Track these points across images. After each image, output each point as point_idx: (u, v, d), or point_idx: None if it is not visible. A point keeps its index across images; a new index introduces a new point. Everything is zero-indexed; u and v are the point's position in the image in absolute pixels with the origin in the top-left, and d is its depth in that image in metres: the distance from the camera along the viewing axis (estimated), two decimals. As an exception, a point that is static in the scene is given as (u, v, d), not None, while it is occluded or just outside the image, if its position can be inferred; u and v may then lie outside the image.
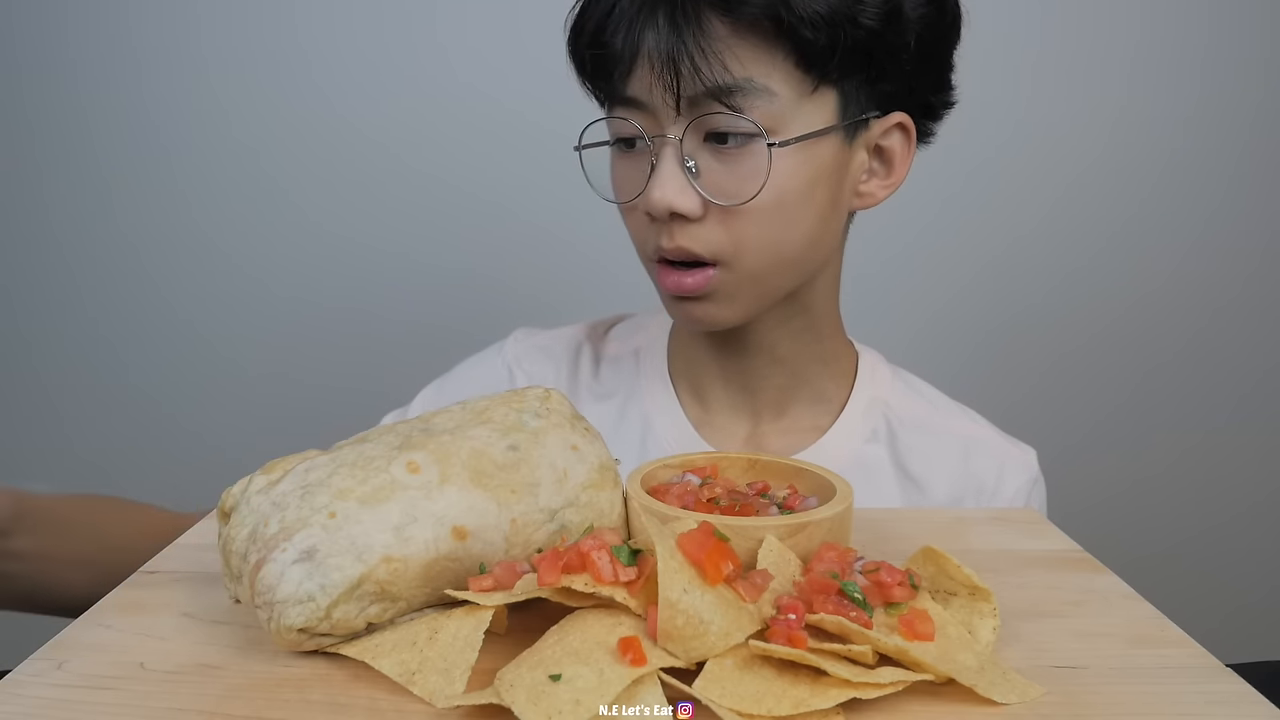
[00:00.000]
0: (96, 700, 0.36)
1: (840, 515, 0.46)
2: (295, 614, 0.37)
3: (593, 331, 0.86)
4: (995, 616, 0.40)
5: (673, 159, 0.63)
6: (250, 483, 0.42)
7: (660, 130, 0.64)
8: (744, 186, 0.62)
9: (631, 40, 0.62)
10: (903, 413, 0.78)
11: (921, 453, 0.76)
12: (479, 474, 0.42)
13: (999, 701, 0.36)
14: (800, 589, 0.39)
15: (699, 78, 0.60)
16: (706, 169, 0.63)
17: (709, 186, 0.63)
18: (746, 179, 0.62)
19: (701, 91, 0.61)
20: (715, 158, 0.63)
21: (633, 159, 0.66)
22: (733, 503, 0.47)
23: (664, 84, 0.61)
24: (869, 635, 0.36)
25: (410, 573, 0.39)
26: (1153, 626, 0.43)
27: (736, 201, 0.63)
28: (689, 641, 0.35)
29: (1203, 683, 0.38)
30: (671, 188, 0.63)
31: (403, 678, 0.36)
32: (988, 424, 0.80)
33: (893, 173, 0.70)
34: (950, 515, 0.58)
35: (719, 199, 0.63)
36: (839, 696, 0.34)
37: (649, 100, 0.63)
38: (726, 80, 0.60)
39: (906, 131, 0.69)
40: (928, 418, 0.79)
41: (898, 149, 0.69)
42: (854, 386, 0.79)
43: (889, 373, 0.81)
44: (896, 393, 0.80)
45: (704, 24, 0.60)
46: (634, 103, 0.64)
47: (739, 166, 0.63)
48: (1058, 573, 0.49)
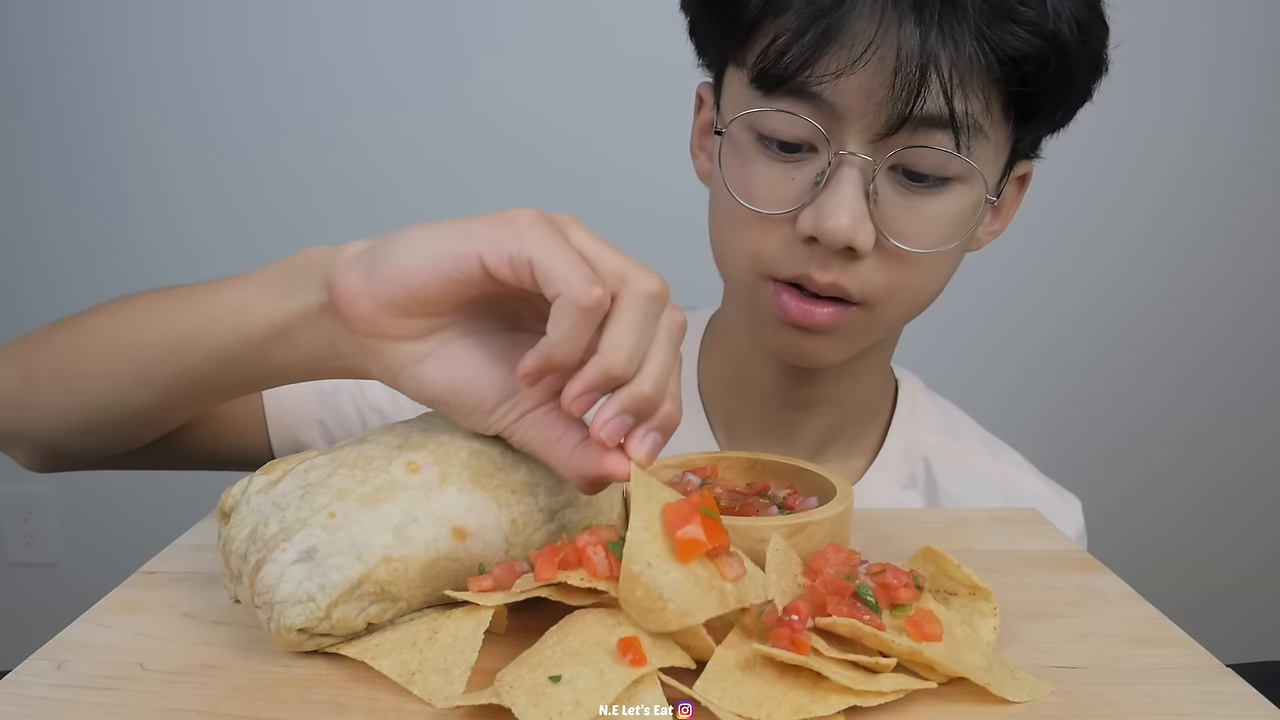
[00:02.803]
0: (96, 700, 0.36)
1: (840, 515, 0.46)
2: (295, 614, 0.37)
3: None
4: (996, 616, 0.40)
5: (857, 183, 0.54)
6: (250, 483, 0.42)
7: (843, 142, 0.54)
8: (928, 232, 0.56)
9: (869, 30, 0.51)
10: (942, 455, 0.73)
11: (959, 503, 0.71)
12: (479, 474, 0.42)
13: (1011, 700, 0.36)
14: (812, 591, 0.38)
15: (946, 103, 0.52)
16: (886, 202, 0.55)
17: (887, 223, 0.55)
18: (932, 224, 0.56)
19: (929, 118, 0.52)
20: (898, 192, 0.56)
21: (789, 164, 0.57)
22: (733, 503, 0.47)
23: (896, 99, 0.52)
24: (882, 638, 0.36)
25: (410, 573, 0.39)
26: (1153, 626, 0.43)
27: (918, 248, 0.56)
28: (646, 614, 0.35)
29: (1203, 683, 0.38)
30: (851, 217, 0.54)
31: (403, 678, 0.36)
32: (1030, 468, 0.76)
33: (999, 219, 0.66)
34: (950, 515, 0.58)
35: (899, 240, 0.55)
36: (840, 703, 0.34)
37: (847, 107, 0.53)
38: (969, 111, 0.53)
39: (1024, 182, 0.66)
40: (969, 462, 0.73)
41: (1010, 196, 0.65)
42: (891, 423, 0.73)
43: (928, 404, 0.76)
44: (937, 431, 0.74)
45: (960, 37, 0.51)
46: (818, 101, 0.54)
47: (926, 209, 0.56)
48: (1058, 573, 0.49)
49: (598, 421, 0.39)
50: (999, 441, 0.78)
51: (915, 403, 0.75)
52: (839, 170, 0.54)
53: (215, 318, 0.48)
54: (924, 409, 0.75)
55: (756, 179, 0.57)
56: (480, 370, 0.43)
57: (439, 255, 0.41)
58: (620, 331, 0.38)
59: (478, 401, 0.43)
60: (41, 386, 0.56)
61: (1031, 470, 0.76)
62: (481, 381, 0.43)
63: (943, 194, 0.56)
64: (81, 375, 0.54)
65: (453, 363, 0.43)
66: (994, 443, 0.77)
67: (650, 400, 0.39)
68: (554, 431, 0.42)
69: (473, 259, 0.40)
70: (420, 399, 0.44)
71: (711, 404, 0.72)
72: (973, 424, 0.78)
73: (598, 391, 0.39)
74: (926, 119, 0.53)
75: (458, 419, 0.44)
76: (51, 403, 0.56)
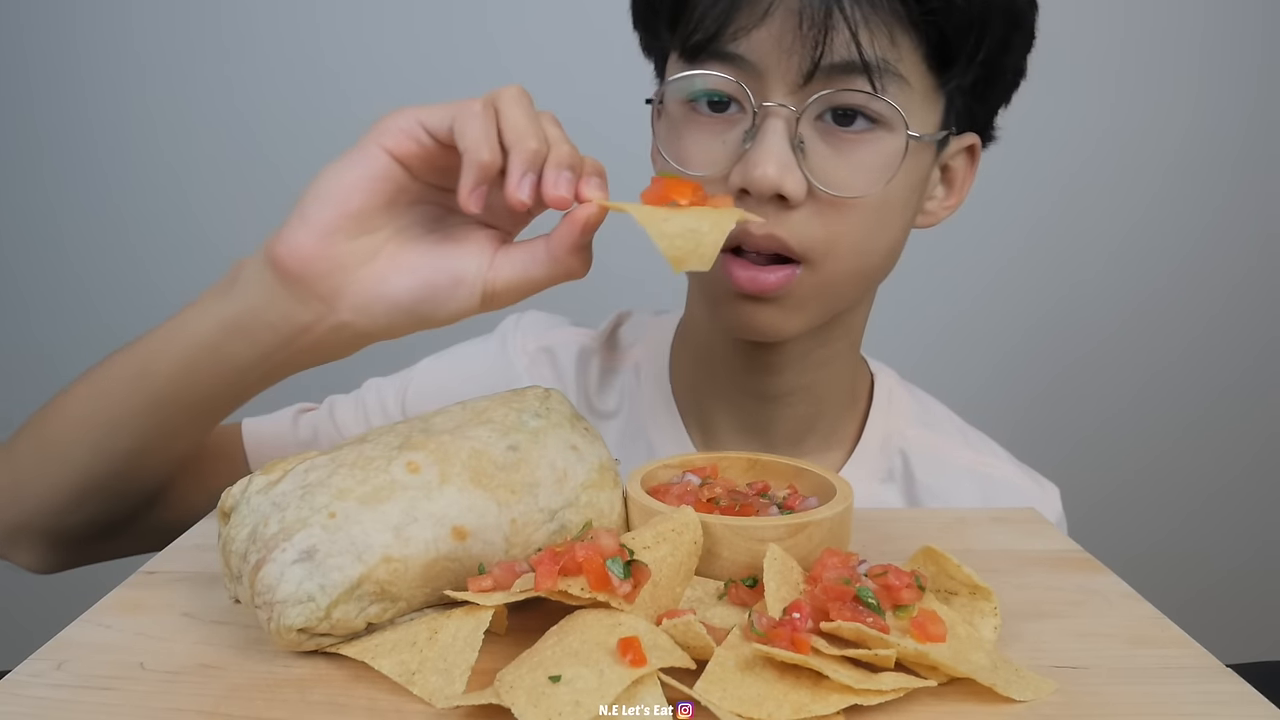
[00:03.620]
0: (96, 700, 0.36)
1: (840, 515, 0.46)
2: (295, 614, 0.37)
3: (602, 339, 0.79)
4: (996, 615, 0.40)
5: (782, 133, 0.55)
6: (250, 483, 0.42)
7: (765, 96, 0.56)
8: (858, 178, 0.56)
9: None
10: (920, 447, 0.73)
11: (937, 496, 0.71)
12: (479, 474, 0.42)
13: (1016, 699, 0.36)
14: (813, 597, 0.38)
15: (855, 45, 0.53)
16: (814, 152, 0.56)
17: (816, 172, 0.56)
18: (861, 170, 0.56)
19: (843, 63, 0.54)
20: (826, 140, 0.56)
21: (719, 126, 0.58)
22: (733, 503, 0.47)
23: (805, 47, 0.54)
24: (888, 641, 0.36)
25: (410, 573, 0.39)
26: (1153, 626, 0.43)
27: (849, 194, 0.56)
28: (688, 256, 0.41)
29: (1203, 683, 0.38)
30: (778, 164, 0.54)
31: (403, 678, 0.36)
32: (1006, 457, 0.76)
33: (953, 194, 0.66)
34: (950, 515, 0.58)
35: (829, 187, 0.56)
36: (840, 702, 0.34)
37: (763, 61, 0.55)
38: (881, 55, 0.54)
39: (973, 155, 0.65)
40: (947, 453, 0.74)
41: (961, 171, 0.65)
42: (868, 416, 0.73)
43: (904, 396, 0.76)
44: (914, 423, 0.74)
45: None
46: (739, 61, 0.56)
47: (855, 155, 0.56)
48: (1058, 573, 0.49)
49: (549, 189, 0.45)
50: (976, 431, 0.77)
51: (891, 395, 0.75)
52: (764, 123, 0.55)
53: (166, 339, 0.52)
54: (900, 401, 0.75)
55: (689, 145, 0.59)
56: (436, 253, 0.48)
57: (348, 169, 0.46)
58: (513, 118, 0.45)
59: (451, 278, 0.48)
60: (27, 469, 0.58)
61: (1009, 460, 0.76)
62: (443, 262, 0.48)
63: (868, 139, 0.56)
64: (58, 443, 0.57)
65: (412, 262, 0.48)
66: (971, 433, 0.77)
67: (572, 154, 0.46)
68: (522, 255, 0.48)
69: (377, 154, 0.46)
70: (402, 313, 0.48)
71: (684, 404, 0.73)
72: (950, 414, 0.78)
73: (529, 169, 0.45)
74: (840, 65, 0.54)
75: (447, 308, 0.48)
76: (39, 481, 0.58)
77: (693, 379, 0.72)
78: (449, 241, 0.49)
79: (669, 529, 0.42)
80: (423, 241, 0.49)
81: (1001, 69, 0.61)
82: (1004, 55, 0.59)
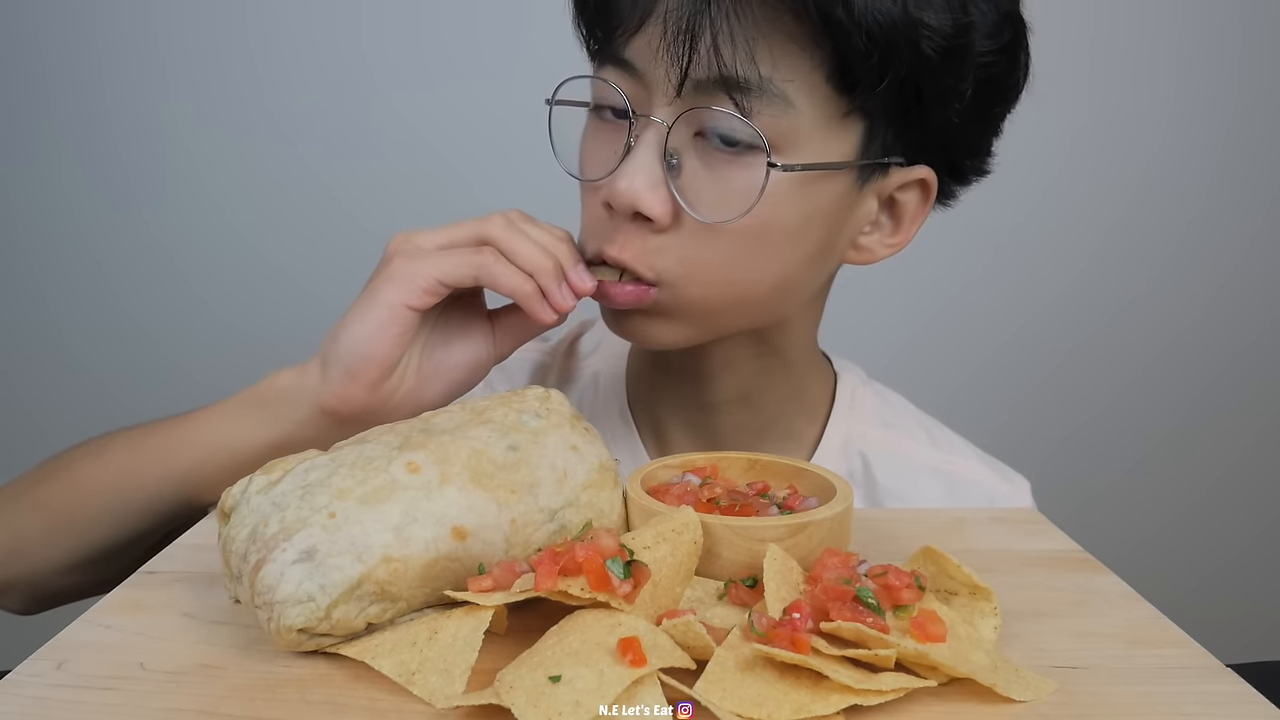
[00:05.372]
0: (96, 700, 0.36)
1: (840, 515, 0.46)
2: (295, 614, 0.37)
3: (561, 349, 0.77)
4: (996, 615, 0.40)
5: (653, 147, 0.53)
6: (250, 483, 0.42)
7: (649, 108, 0.54)
8: (728, 203, 0.53)
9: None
10: (882, 448, 0.70)
11: (899, 497, 0.68)
12: (479, 474, 0.42)
13: (1016, 699, 0.36)
14: (813, 597, 0.38)
15: (718, 60, 0.50)
16: (690, 171, 0.54)
17: (687, 192, 0.53)
18: (731, 194, 0.53)
19: (713, 78, 0.51)
20: (702, 159, 0.53)
21: (609, 132, 0.56)
22: (733, 503, 0.47)
23: (672, 56, 0.51)
24: (888, 641, 0.36)
25: (410, 573, 0.39)
26: (1153, 626, 0.43)
27: (714, 219, 0.53)
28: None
29: (1203, 683, 0.38)
30: (642, 180, 0.52)
31: (402, 678, 0.36)
32: (974, 454, 0.73)
33: (899, 231, 0.60)
34: (950, 515, 0.58)
35: (695, 210, 0.53)
36: (840, 702, 0.34)
37: (647, 70, 0.53)
38: (747, 73, 0.50)
39: (926, 189, 0.59)
40: (910, 453, 0.71)
41: (911, 207, 0.59)
42: (829, 419, 0.70)
43: (868, 396, 0.73)
44: (876, 424, 0.72)
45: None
46: (629, 67, 0.54)
47: (727, 176, 0.53)
48: (1058, 573, 0.49)
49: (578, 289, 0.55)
50: (944, 429, 0.75)
51: (854, 396, 0.72)
52: (641, 135, 0.54)
53: (208, 452, 0.57)
54: (863, 402, 0.72)
55: (585, 148, 0.59)
56: (454, 352, 0.57)
57: (380, 327, 0.53)
58: (524, 252, 0.54)
59: (470, 369, 0.58)
60: (30, 536, 0.60)
61: (977, 457, 0.73)
62: (461, 358, 0.57)
63: (742, 162, 0.53)
64: (73, 519, 0.59)
65: (438, 368, 0.57)
66: (937, 430, 0.74)
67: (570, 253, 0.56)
68: (514, 322, 0.59)
69: (404, 314, 0.53)
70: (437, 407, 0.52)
71: (639, 412, 0.72)
72: (917, 413, 0.75)
73: (557, 282, 0.54)
74: (706, 80, 0.51)
75: (470, 387, 0.58)
76: (44, 548, 0.60)
77: (645, 387, 0.71)
78: (458, 337, 0.58)
79: (669, 529, 0.42)
80: (440, 348, 0.57)
81: (938, 94, 0.54)
82: (932, 79, 0.52)
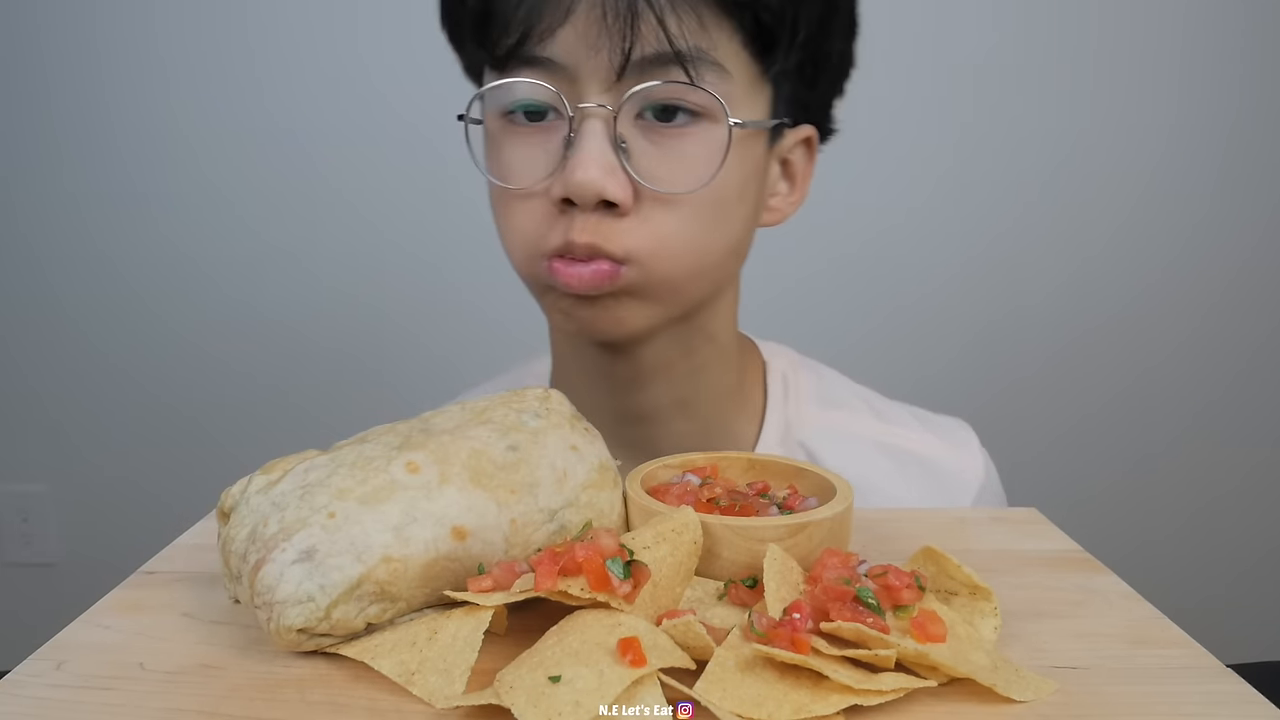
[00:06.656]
0: (96, 700, 0.36)
1: (840, 515, 0.46)
2: (295, 614, 0.37)
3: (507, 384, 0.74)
4: (996, 615, 0.40)
5: (602, 134, 0.53)
6: (250, 483, 0.42)
7: (583, 99, 0.53)
8: (684, 173, 0.54)
9: None
10: (823, 431, 0.70)
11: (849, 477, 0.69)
12: (479, 474, 0.42)
13: (1016, 699, 0.36)
14: (813, 597, 0.38)
15: (667, 36, 0.51)
16: (638, 151, 0.54)
17: (641, 171, 0.54)
18: (689, 165, 0.54)
19: (656, 55, 0.52)
20: (648, 138, 0.54)
21: (537, 135, 0.56)
22: (733, 503, 0.47)
23: (613, 41, 0.51)
24: (888, 641, 0.36)
25: (410, 573, 0.39)
26: (1153, 626, 0.43)
27: (676, 189, 0.54)
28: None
29: (1203, 683, 0.38)
30: (599, 168, 0.52)
31: (402, 678, 0.36)
32: (918, 424, 0.72)
33: (795, 189, 0.64)
34: (950, 515, 0.58)
35: (656, 184, 0.54)
36: (840, 702, 0.34)
37: (574, 61, 0.53)
38: (697, 43, 0.52)
39: (810, 148, 0.64)
40: (854, 430, 0.70)
41: (800, 165, 0.64)
42: (765, 412, 0.69)
43: (802, 378, 0.72)
44: (814, 403, 0.71)
45: None
46: (549, 65, 0.54)
47: (679, 149, 0.54)
48: (1058, 573, 0.49)
49: None
50: (886, 400, 0.74)
51: (787, 381, 0.71)
52: (582, 126, 0.53)
53: None
54: (797, 385, 0.71)
55: (510, 157, 0.57)
56: None
57: None
58: None
59: None
60: None
61: (921, 426, 0.72)
62: None
63: (692, 132, 0.54)
64: None
65: None
66: (879, 402, 0.74)
67: None
68: None
69: None
70: None
71: None
72: (854, 387, 0.75)
73: None
74: (651, 57, 0.52)
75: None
76: None
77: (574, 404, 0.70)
78: None
79: (669, 529, 0.42)
80: None
81: (826, 54, 0.59)
82: (826, 39, 0.58)
